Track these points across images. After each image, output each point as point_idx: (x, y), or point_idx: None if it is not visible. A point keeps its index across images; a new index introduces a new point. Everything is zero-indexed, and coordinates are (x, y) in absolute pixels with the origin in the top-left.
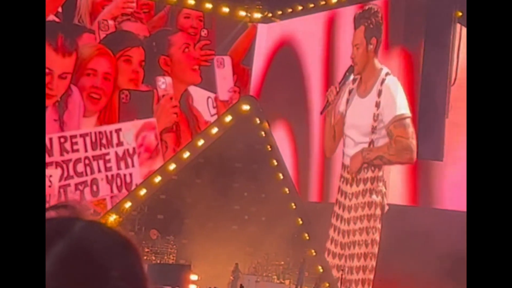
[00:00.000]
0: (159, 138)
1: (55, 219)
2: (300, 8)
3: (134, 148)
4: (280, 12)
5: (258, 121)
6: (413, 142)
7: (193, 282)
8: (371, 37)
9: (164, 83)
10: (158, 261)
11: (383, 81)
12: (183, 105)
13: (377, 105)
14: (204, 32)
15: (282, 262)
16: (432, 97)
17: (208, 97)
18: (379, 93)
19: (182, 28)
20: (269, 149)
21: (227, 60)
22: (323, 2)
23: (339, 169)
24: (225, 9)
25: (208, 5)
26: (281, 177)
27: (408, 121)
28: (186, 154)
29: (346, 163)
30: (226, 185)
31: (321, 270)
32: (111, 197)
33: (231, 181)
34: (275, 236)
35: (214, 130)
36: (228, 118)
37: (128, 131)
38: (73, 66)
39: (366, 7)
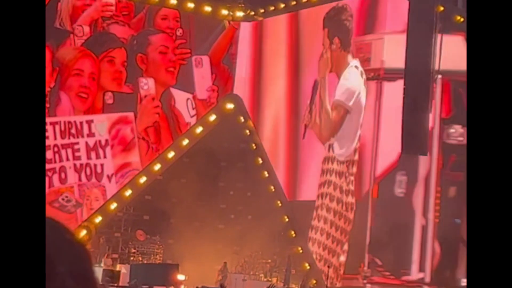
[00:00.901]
0: (135, 132)
1: None
2: (282, 5)
3: (106, 140)
4: (262, 10)
5: (242, 119)
6: (332, 126)
7: (181, 282)
8: (333, 37)
9: (146, 84)
10: (145, 262)
11: (340, 77)
12: (165, 105)
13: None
14: (179, 32)
15: (269, 260)
16: (415, 92)
17: (188, 99)
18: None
19: (159, 28)
20: (254, 147)
21: (206, 59)
22: (304, 0)
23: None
24: (207, 8)
25: (190, 5)
26: (266, 175)
27: (339, 108)
28: (171, 154)
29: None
30: (212, 184)
31: (308, 267)
32: (79, 185)
33: (216, 180)
34: (261, 234)
35: (199, 129)
36: (213, 117)
37: (101, 123)
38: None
39: (332, 8)
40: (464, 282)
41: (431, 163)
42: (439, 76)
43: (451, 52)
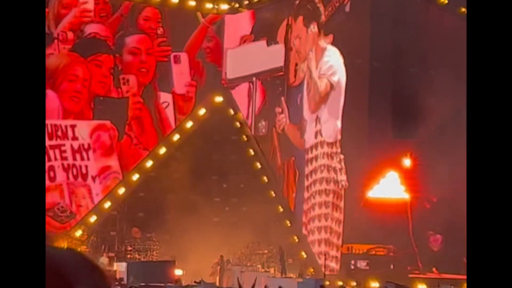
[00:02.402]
0: (113, 139)
1: None
2: None
3: (89, 144)
4: (246, 2)
5: (232, 112)
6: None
7: (179, 276)
8: (310, 23)
9: (127, 81)
10: (142, 259)
11: (322, 55)
12: (147, 101)
13: (309, 76)
14: (160, 31)
15: (266, 251)
16: (405, 78)
17: (165, 103)
18: (311, 65)
19: (141, 29)
20: (245, 139)
21: (184, 56)
22: None
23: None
24: (192, 3)
25: (175, 0)
26: (259, 166)
27: (326, 82)
28: (163, 150)
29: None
30: (205, 178)
31: (305, 256)
32: (67, 183)
33: (209, 173)
34: (257, 225)
35: (189, 124)
36: (202, 111)
37: (83, 128)
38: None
39: None
40: None
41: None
42: None
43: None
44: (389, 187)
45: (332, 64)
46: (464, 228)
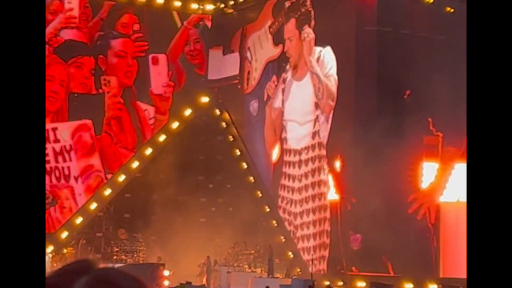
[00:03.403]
0: (94, 138)
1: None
2: None
3: (70, 145)
4: (232, 3)
5: (218, 112)
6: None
7: (166, 277)
8: (303, 26)
9: (108, 82)
10: (129, 260)
11: (318, 58)
12: (127, 101)
13: (317, 80)
14: (136, 27)
15: (253, 251)
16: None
17: (146, 111)
18: (317, 70)
19: (120, 32)
20: (231, 139)
21: (162, 57)
22: None
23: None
24: (177, 3)
25: (160, 0)
26: (245, 166)
27: (332, 80)
28: (149, 151)
29: (290, 147)
30: (191, 178)
31: (292, 256)
32: (50, 186)
33: (196, 174)
34: (243, 225)
35: (175, 124)
36: (188, 112)
37: (64, 130)
38: None
39: (294, 0)
40: None
41: None
42: None
43: None
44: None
45: (331, 63)
46: (382, 227)
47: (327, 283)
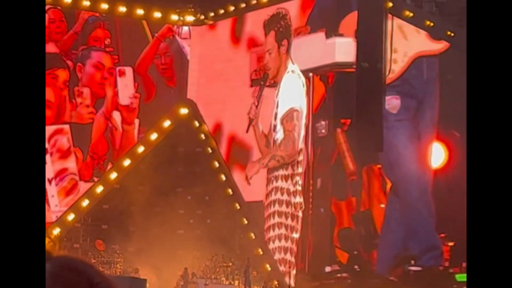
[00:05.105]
0: (71, 142)
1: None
2: (232, 8)
3: (47, 149)
4: (212, 14)
5: (197, 124)
6: (295, 135)
7: None
8: (282, 40)
9: (81, 93)
10: (106, 271)
11: (281, 79)
12: (99, 112)
13: (275, 103)
14: (107, 41)
15: (230, 264)
16: (369, 89)
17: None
18: (278, 91)
19: (93, 45)
20: (210, 151)
21: (128, 70)
22: (254, 2)
23: None
24: (157, 14)
25: (140, 11)
26: (224, 178)
27: (296, 114)
28: (127, 162)
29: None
30: (169, 190)
31: (269, 269)
32: None
33: (174, 185)
34: (221, 237)
35: (154, 136)
36: (167, 123)
37: None
38: None
39: (275, 12)
40: (328, 269)
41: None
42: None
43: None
44: None
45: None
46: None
47: None
